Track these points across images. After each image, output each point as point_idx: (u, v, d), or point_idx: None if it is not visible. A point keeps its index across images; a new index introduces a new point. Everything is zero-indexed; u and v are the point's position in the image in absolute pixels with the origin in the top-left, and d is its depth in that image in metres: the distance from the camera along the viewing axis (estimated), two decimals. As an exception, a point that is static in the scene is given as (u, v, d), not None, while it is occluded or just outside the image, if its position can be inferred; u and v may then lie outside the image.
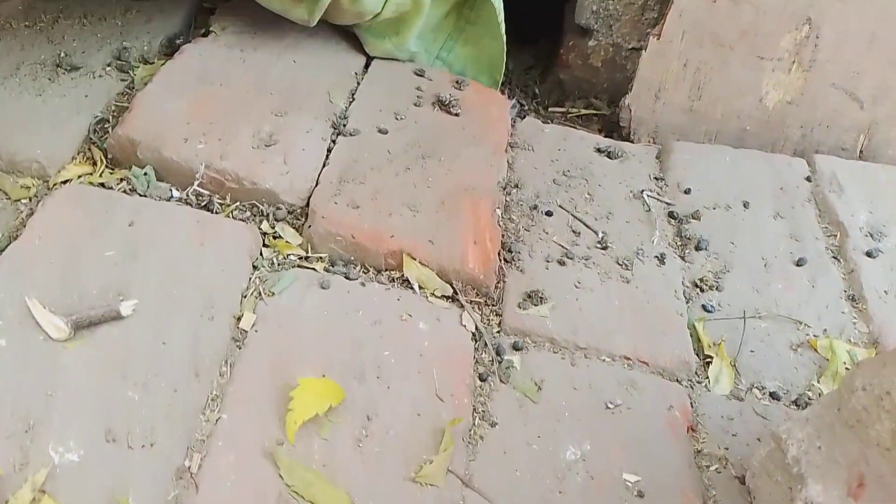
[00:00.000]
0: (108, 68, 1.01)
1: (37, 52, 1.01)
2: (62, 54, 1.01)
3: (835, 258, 1.00)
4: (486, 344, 0.80)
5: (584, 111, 1.31)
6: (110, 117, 0.94)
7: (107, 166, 0.89)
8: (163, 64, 1.00)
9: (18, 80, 0.96)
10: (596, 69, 1.31)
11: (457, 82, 1.14)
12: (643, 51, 1.17)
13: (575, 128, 1.26)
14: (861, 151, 1.20)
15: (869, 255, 0.99)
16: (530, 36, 1.49)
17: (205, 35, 1.07)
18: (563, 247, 0.93)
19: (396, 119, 1.04)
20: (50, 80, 0.97)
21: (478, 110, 1.09)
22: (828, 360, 0.87)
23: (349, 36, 1.17)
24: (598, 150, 1.11)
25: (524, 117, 1.26)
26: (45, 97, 0.94)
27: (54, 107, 0.93)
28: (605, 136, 1.25)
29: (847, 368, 0.86)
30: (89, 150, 0.90)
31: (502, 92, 1.33)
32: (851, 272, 0.98)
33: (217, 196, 0.88)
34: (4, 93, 0.93)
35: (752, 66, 1.16)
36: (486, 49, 1.18)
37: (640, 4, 1.24)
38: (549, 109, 1.31)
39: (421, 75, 1.13)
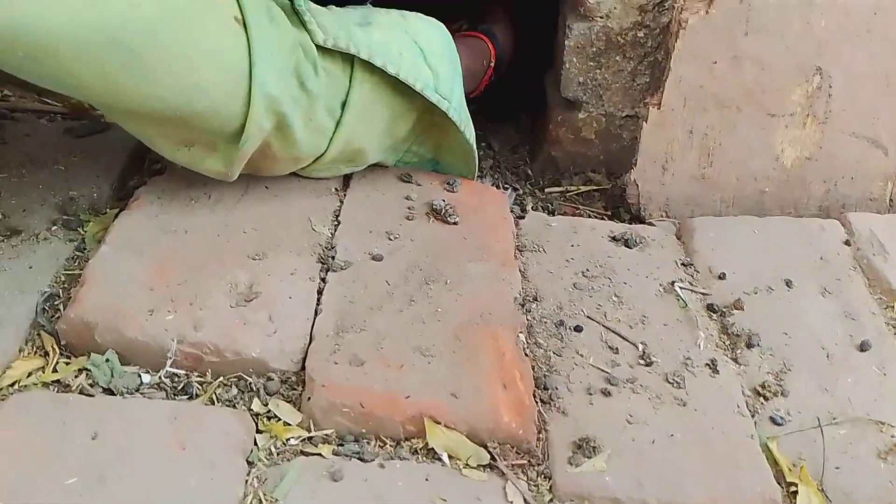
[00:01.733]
0: (53, 227, 0.85)
1: (-31, 217, 0.86)
2: (-1, 217, 0.86)
3: (898, 334, 0.87)
4: (539, 519, 0.65)
5: (583, 188, 1.18)
6: (60, 291, 0.78)
7: (61, 355, 0.73)
8: (116, 214, 0.85)
9: (-51, 257, 0.81)
10: (589, 141, 1.19)
11: (448, 183, 1.00)
12: (644, 122, 1.04)
13: (577, 209, 1.13)
14: (891, 200, 1.07)
15: (936, 325, 0.86)
16: (510, 110, 1.36)
17: (160, 172, 0.92)
18: (602, 370, 0.79)
19: (390, 240, 0.89)
20: (-14, 251, 0.82)
21: (476, 214, 0.95)
22: (927, 467, 0.74)
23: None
24: (614, 239, 0.97)
25: (521, 204, 1.13)
26: (-19, 275, 0.79)
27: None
28: (611, 213, 1.13)
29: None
30: (38, 336, 0.74)
31: (493, 177, 1.20)
32: (922, 349, 0.84)
33: (196, 374, 0.72)
34: (-68, 278, 0.78)
35: (763, 125, 1.04)
36: (456, 139, 0.99)
37: (629, 71, 1.12)
38: (546, 191, 1.17)
39: (408, 181, 0.99)
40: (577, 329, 0.83)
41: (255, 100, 0.74)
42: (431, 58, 0.89)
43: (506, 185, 1.18)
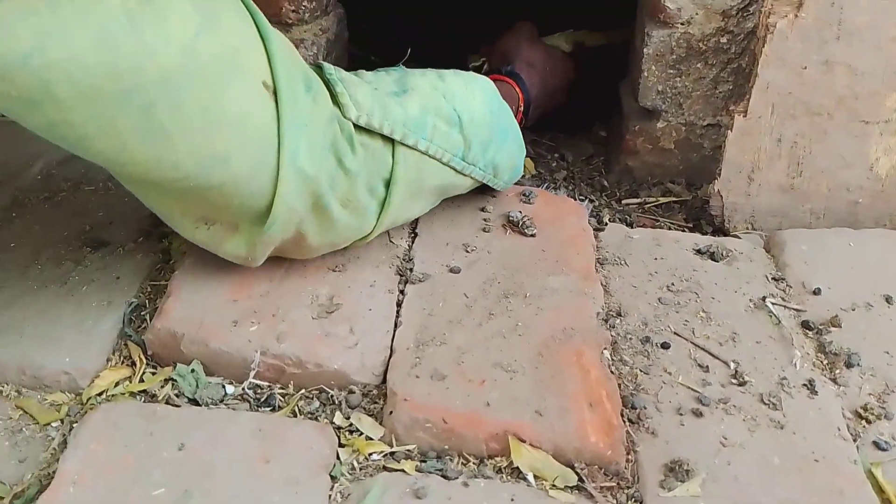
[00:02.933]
0: (139, 239, 0.86)
1: (59, 230, 0.87)
2: (87, 228, 0.88)
3: None
4: (630, 545, 0.62)
5: (662, 199, 1.14)
6: (146, 302, 0.79)
7: (147, 364, 0.73)
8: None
9: (40, 267, 0.82)
10: (668, 151, 1.15)
11: (524, 195, 0.97)
12: (728, 130, 1.00)
13: (657, 221, 1.09)
14: None
15: None
16: (582, 122, 1.33)
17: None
18: (693, 390, 0.75)
19: (467, 252, 0.87)
20: (76, 262, 0.83)
21: (554, 225, 0.93)
22: None
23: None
24: (699, 252, 0.93)
25: (597, 216, 1.10)
26: (70, 286, 0.79)
27: (81, 298, 0.78)
28: (692, 226, 1.08)
29: None
30: (125, 346, 0.75)
31: (567, 189, 1.17)
32: None
33: (278, 386, 0.72)
34: (24, 288, 0.79)
35: (856, 132, 0.98)
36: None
37: (711, 78, 1.08)
38: (623, 202, 1.14)
39: (483, 192, 0.97)
40: (665, 346, 0.79)
41: (285, 176, 0.65)
42: (468, 127, 0.80)
43: (581, 197, 1.14)
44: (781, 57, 0.96)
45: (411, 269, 0.84)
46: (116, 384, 0.71)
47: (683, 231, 1.05)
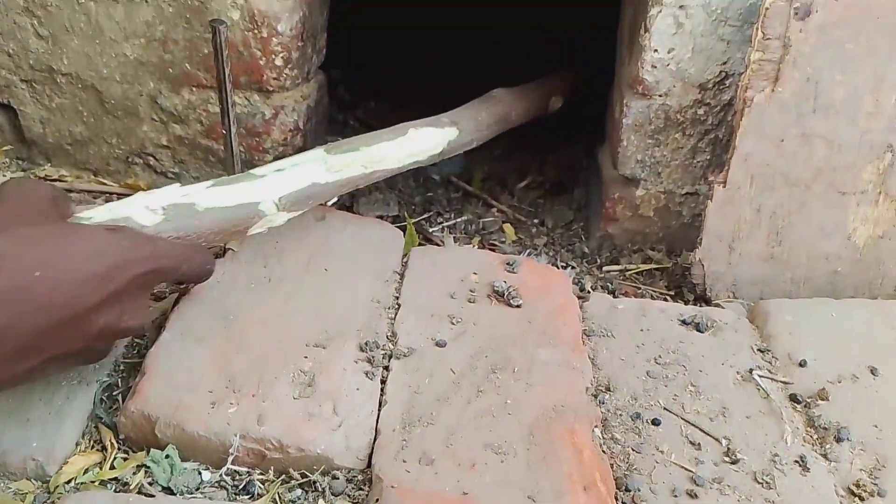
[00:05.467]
0: (112, 312, 0.82)
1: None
2: (59, 300, 0.83)
3: None
4: None
5: (643, 266, 1.13)
6: (119, 381, 0.74)
7: (119, 449, 0.69)
8: (176, 300, 0.82)
9: (8, 343, 0.77)
10: (648, 219, 1.14)
11: (508, 263, 0.96)
12: (709, 200, 1.00)
13: (639, 289, 1.08)
14: (971, 280, 1.01)
15: None
16: (563, 185, 1.33)
17: (220, 255, 0.89)
18: (686, 469, 0.72)
19: (452, 324, 0.85)
20: (45, 337, 0.78)
21: (540, 295, 0.91)
22: None
23: (382, 225, 1.01)
24: (684, 323, 0.92)
25: (579, 283, 1.08)
26: (39, 363, 0.75)
27: (51, 377, 0.73)
28: (674, 293, 1.07)
29: None
30: (96, 429, 0.70)
31: (548, 255, 1.16)
32: None
33: (258, 471, 0.68)
34: (-9, 366, 0.74)
35: (833, 203, 0.99)
36: None
37: (689, 148, 1.09)
38: (605, 269, 1.13)
39: (468, 261, 0.95)
40: (655, 422, 0.77)
41: None
42: None
43: (563, 264, 1.13)
44: (759, 129, 0.96)
45: (395, 343, 0.81)
46: (86, 471, 0.67)
47: (666, 299, 1.05)
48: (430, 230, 1.19)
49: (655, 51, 1.02)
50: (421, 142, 0.98)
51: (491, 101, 1.15)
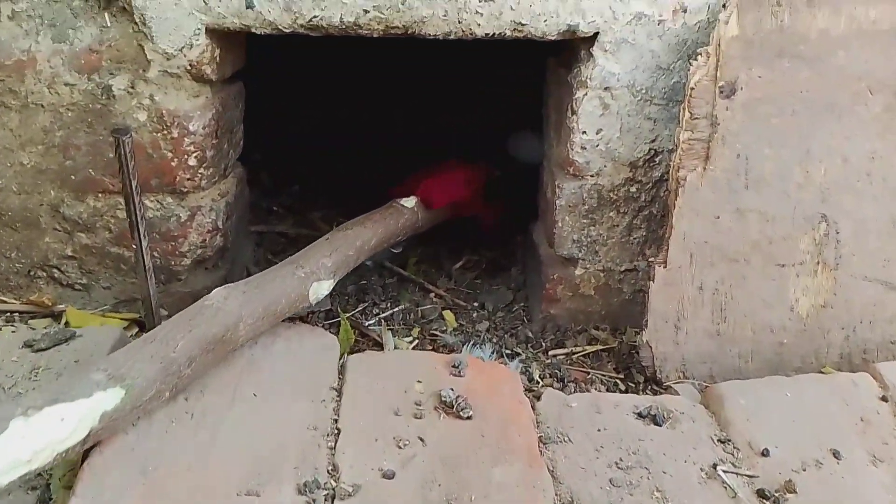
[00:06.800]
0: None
1: None
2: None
3: (966, 506, 0.77)
4: None
5: (588, 348, 1.08)
6: (19, 564, 0.64)
7: None
8: (86, 452, 0.72)
9: None
10: (589, 298, 1.10)
11: (454, 366, 0.89)
12: (651, 281, 0.96)
13: (588, 373, 1.03)
14: (913, 341, 1.00)
15: None
16: (500, 263, 1.29)
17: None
18: None
19: (399, 447, 0.77)
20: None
21: (490, 400, 0.84)
22: None
23: (313, 332, 0.93)
24: (640, 416, 0.86)
25: (527, 372, 1.03)
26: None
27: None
28: (623, 375, 1.03)
29: None
30: None
31: (492, 342, 1.10)
32: None
33: None
34: None
35: (773, 275, 0.97)
36: None
37: (625, 225, 1.06)
38: (551, 353, 1.07)
39: (410, 367, 0.88)
40: (625, 541, 0.71)
41: None
42: None
43: (508, 351, 1.08)
44: (695, 208, 0.94)
45: (337, 479, 0.73)
46: None
47: (616, 383, 1.00)
48: (367, 323, 1.12)
49: (584, 132, 0.99)
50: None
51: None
